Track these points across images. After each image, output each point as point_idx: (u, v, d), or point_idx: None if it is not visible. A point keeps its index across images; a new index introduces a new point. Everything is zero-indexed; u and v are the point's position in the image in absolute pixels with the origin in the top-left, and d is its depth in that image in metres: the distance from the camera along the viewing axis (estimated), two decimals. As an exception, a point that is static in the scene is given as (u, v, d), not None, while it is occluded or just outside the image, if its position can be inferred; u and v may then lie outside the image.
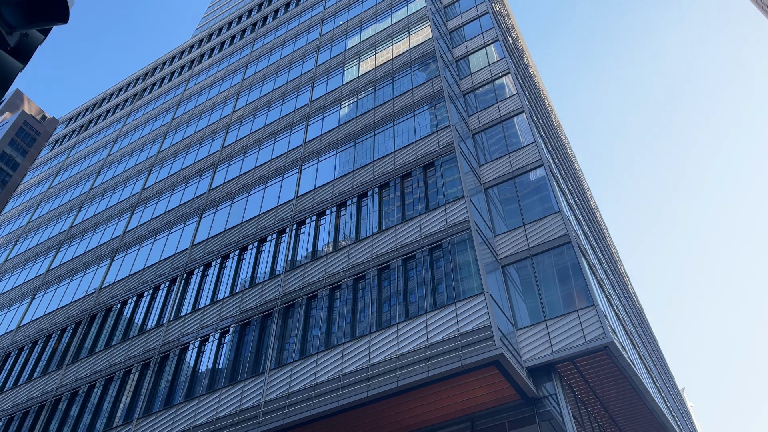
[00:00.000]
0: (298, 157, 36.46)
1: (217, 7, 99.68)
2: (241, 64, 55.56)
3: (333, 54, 44.90)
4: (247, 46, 58.78)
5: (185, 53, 69.24)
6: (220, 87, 54.42)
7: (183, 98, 57.67)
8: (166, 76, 66.41)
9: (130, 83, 72.19)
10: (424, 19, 40.36)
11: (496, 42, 39.50)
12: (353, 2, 50.49)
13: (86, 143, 64.85)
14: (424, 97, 33.17)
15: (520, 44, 78.65)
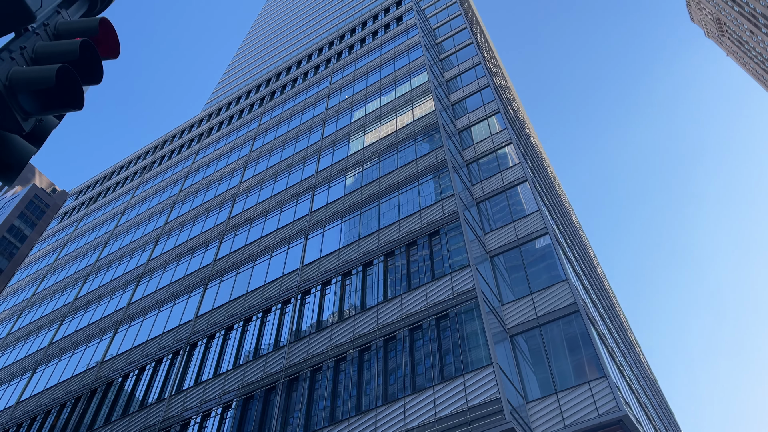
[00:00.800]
0: (303, 227, 36.71)
1: (227, 82, 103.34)
2: (249, 137, 56.93)
3: (339, 126, 46.04)
4: (256, 119, 60.42)
5: (195, 127, 71.14)
6: (228, 159, 55.54)
7: (191, 170, 58.78)
8: (176, 149, 67.96)
9: (140, 156, 73.83)
10: (427, 92, 41.59)
11: (498, 114, 40.49)
12: (358, 77, 52.24)
13: (94, 215, 65.64)
14: (428, 167, 33.70)
15: (521, 115, 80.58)
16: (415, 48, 49.44)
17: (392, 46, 53.40)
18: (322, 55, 64.99)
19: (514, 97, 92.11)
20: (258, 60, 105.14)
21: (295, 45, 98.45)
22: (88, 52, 2.98)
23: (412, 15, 56.68)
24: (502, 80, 74.05)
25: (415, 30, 52.95)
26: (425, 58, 46.63)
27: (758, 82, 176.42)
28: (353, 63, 56.11)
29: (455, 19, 61.22)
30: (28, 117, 2.62)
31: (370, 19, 64.89)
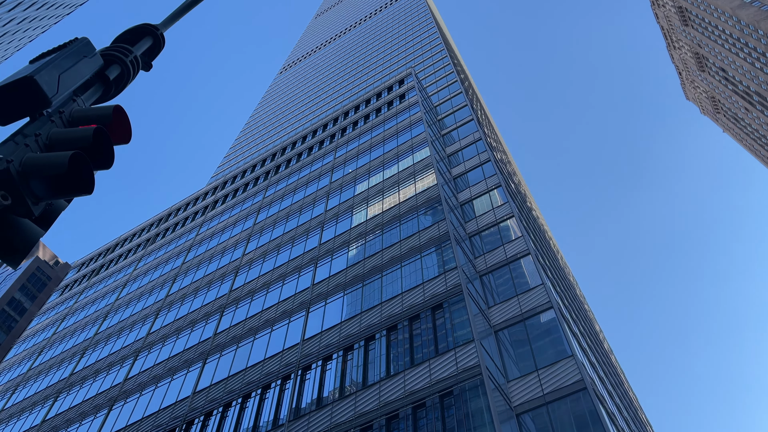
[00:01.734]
0: (305, 300, 36.43)
1: (233, 156, 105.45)
2: (253, 210, 57.51)
3: (342, 199, 46.57)
4: (260, 192, 61.24)
5: (200, 200, 72.02)
6: (231, 232, 55.87)
7: (194, 243, 59.02)
8: (180, 222, 68.51)
9: (144, 229, 74.34)
10: (429, 166, 42.32)
11: (499, 187, 41.01)
12: (362, 152, 53.34)
13: (95, 288, 65.36)
14: (431, 240, 33.80)
15: (523, 189, 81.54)
16: (417, 124, 50.73)
17: (395, 122, 54.83)
18: (326, 130, 66.65)
19: (515, 171, 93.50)
20: (264, 135, 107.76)
21: (301, 121, 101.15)
22: (101, 139, 3.11)
23: (415, 93, 58.54)
24: (503, 155, 75.48)
25: (417, 107, 54.52)
26: (427, 133, 47.75)
27: (756, 157, 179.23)
28: (357, 138, 57.45)
29: (456, 96, 63.16)
30: (38, 201, 2.71)
31: (374, 96, 66.96)
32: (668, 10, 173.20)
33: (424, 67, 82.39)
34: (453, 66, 75.65)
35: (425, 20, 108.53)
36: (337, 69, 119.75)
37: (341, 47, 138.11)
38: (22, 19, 30.55)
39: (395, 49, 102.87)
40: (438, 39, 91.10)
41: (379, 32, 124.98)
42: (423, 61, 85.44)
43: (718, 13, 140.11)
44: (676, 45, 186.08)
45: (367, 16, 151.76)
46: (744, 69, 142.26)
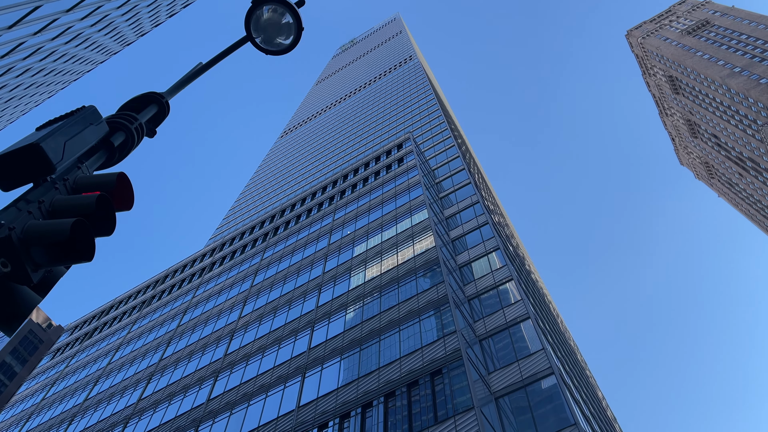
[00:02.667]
0: (301, 364, 35.70)
1: (232, 218, 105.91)
2: (251, 272, 57.23)
3: (340, 261, 46.44)
4: (258, 254, 61.14)
5: (197, 261, 71.77)
6: (228, 294, 55.39)
7: (190, 305, 58.40)
8: (177, 284, 68.02)
9: (140, 291, 73.71)
10: (428, 229, 42.47)
11: (497, 250, 41.02)
12: (361, 214, 53.65)
13: (88, 351, 64.13)
14: (429, 303, 33.50)
15: (521, 251, 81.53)
16: (415, 187, 51.27)
17: (394, 185, 55.42)
18: (325, 193, 67.25)
19: (513, 233, 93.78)
20: (263, 198, 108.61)
21: (300, 184, 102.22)
22: (103, 206, 3.15)
23: (413, 157, 59.47)
24: (501, 217, 75.93)
25: (415, 170, 55.25)
26: (425, 196, 48.20)
27: (752, 222, 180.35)
28: (356, 201, 57.91)
29: (453, 160, 64.15)
30: (38, 268, 2.72)
31: (373, 160, 67.97)
32: (659, 79, 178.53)
33: (422, 131, 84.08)
34: (450, 131, 77.23)
35: (423, 87, 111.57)
36: (337, 133, 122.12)
37: (341, 113, 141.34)
38: (30, 84, 31.37)
39: (394, 114, 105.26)
40: (435, 105, 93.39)
41: (378, 98, 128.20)
42: (421, 126, 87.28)
43: (708, 82, 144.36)
44: (668, 112, 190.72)
45: (367, 84, 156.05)
46: (736, 135, 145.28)
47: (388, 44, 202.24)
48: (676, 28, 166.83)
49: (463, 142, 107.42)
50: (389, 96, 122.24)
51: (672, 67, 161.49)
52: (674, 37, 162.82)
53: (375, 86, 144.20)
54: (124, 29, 36.67)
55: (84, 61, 37.29)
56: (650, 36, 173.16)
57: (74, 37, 28.02)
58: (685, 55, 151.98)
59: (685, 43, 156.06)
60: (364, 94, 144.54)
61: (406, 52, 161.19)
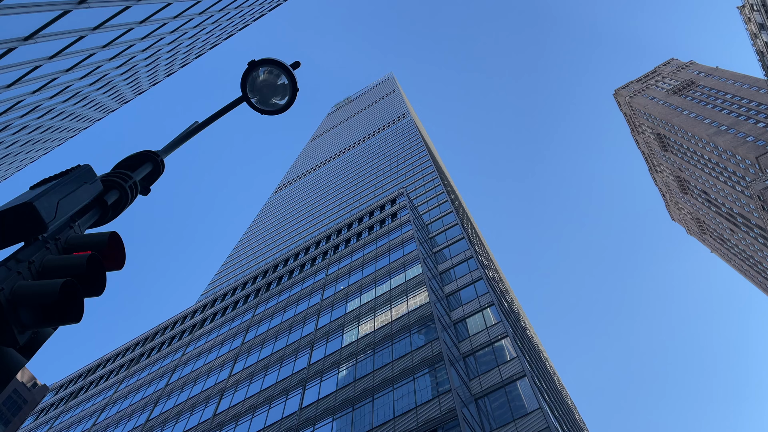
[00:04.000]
0: (292, 425, 34.72)
1: (224, 273, 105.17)
2: (242, 329, 56.40)
3: (333, 317, 45.90)
4: (250, 310, 60.41)
5: (188, 318, 70.76)
6: (218, 351, 54.38)
7: (180, 363, 57.20)
8: (167, 341, 66.82)
9: (129, 348, 72.30)
10: (422, 284, 42.24)
11: (492, 306, 40.73)
12: (354, 269, 53.42)
13: (72, 412, 62.26)
14: (424, 360, 32.95)
15: (516, 307, 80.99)
16: (409, 242, 51.33)
17: (387, 240, 55.48)
18: (319, 248, 67.15)
19: (507, 289, 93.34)
20: (256, 253, 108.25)
21: (294, 239, 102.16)
22: (94, 266, 3.14)
23: (406, 212, 59.81)
24: (495, 273, 75.76)
25: (409, 225, 55.45)
26: (419, 251, 48.19)
27: (745, 277, 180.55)
28: (349, 256, 57.79)
29: (447, 215, 64.51)
30: (25, 330, 2.68)
31: (367, 215, 68.28)
32: (648, 137, 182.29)
33: (415, 187, 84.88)
34: (443, 186, 78.02)
35: (416, 144, 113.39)
36: (331, 189, 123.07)
37: (335, 169, 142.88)
38: (26, 141, 31.67)
39: (388, 170, 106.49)
40: (428, 161, 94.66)
41: (372, 155, 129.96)
42: (414, 181, 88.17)
43: (695, 139, 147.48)
44: (657, 169, 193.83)
45: (361, 140, 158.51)
46: (725, 192, 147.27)
47: (382, 102, 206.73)
48: (662, 87, 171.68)
49: (456, 197, 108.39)
50: (383, 152, 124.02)
51: (660, 125, 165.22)
52: (661, 96, 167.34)
53: (369, 143, 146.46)
54: (122, 87, 37.39)
55: (81, 118, 37.83)
56: (637, 95, 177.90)
57: (73, 95, 28.53)
58: (672, 114, 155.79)
59: (671, 102, 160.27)
60: (358, 150, 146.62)
61: (399, 110, 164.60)
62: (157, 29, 27.08)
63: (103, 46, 22.57)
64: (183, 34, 33.20)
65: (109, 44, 22.84)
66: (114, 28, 21.21)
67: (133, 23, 22.79)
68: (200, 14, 31.26)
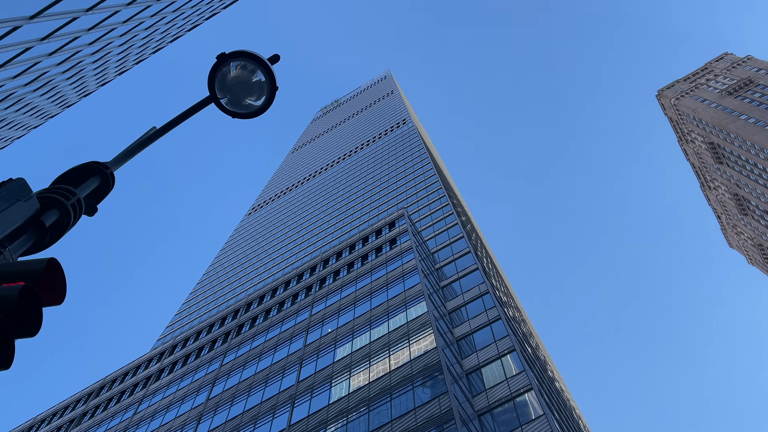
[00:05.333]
0: (269, 501, 34.31)
1: (185, 313, 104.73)
2: (208, 381, 55.97)
3: (319, 367, 45.62)
4: (217, 359, 60.04)
5: (141, 368, 70.24)
6: (179, 409, 53.90)
7: (131, 424, 56.64)
8: (114, 397, 66.24)
9: (68, 406, 71.60)
10: (427, 325, 42.11)
11: (513, 352, 40.57)
12: (345, 308, 53.28)
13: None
14: (430, 420, 32.70)
15: (542, 353, 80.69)
16: (411, 274, 51.30)
17: (385, 271, 55.44)
18: (302, 282, 67.02)
19: (531, 331, 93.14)
20: (225, 288, 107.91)
21: (271, 270, 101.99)
22: (28, 300, 3.11)
23: (408, 237, 59.88)
24: (516, 311, 75.63)
25: (411, 254, 55.48)
26: (423, 285, 48.12)
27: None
28: (338, 291, 57.67)
29: (457, 241, 64.59)
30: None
31: (359, 241, 68.31)
32: (698, 147, 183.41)
33: (418, 207, 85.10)
34: (452, 206, 78.28)
35: (419, 154, 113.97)
36: (316, 210, 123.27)
37: (321, 185, 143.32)
38: (-52, 152, 31.81)
39: (385, 187, 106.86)
40: (434, 176, 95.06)
41: (365, 169, 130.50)
42: (418, 200, 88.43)
43: (756, 149, 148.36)
44: (711, 185, 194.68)
45: (352, 151, 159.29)
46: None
47: (379, 106, 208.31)
48: (714, 87, 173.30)
49: (468, 218, 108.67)
50: (379, 166, 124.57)
51: (712, 133, 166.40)
52: (713, 98, 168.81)
53: (362, 154, 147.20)
54: (64, 88, 37.64)
55: (16, 125, 38.00)
56: (685, 97, 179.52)
57: (13, 102, 28.73)
58: (727, 119, 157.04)
59: (726, 105, 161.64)
60: (349, 163, 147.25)
61: (398, 115, 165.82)
62: (108, 17, 27.37)
63: (41, 39, 22.81)
64: (139, 23, 33.57)
65: (48, 36, 23.08)
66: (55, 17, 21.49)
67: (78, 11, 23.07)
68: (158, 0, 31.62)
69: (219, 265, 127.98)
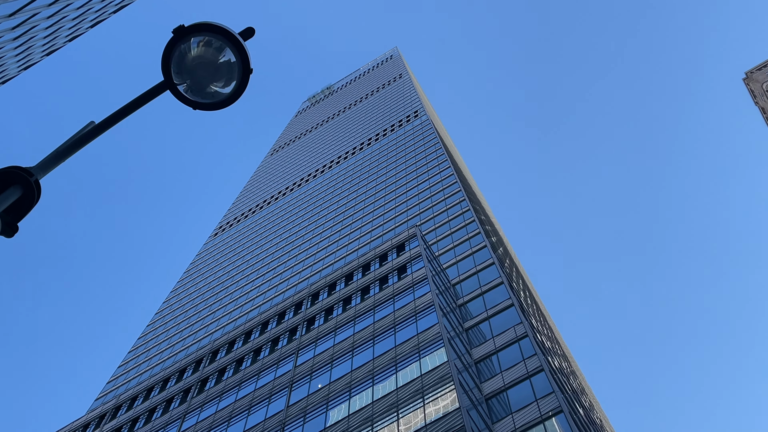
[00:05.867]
0: None
1: (131, 366, 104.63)
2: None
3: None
4: (174, 424, 59.92)
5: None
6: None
7: None
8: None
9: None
10: (447, 379, 41.96)
11: (560, 413, 40.42)
12: (339, 356, 53.13)
13: None
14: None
15: (597, 415, 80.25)
16: (426, 311, 51.19)
17: (392, 308, 55.35)
18: (284, 322, 66.94)
19: (582, 386, 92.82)
20: (184, 331, 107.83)
21: (244, 308, 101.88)
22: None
23: (422, 264, 59.81)
24: (563, 360, 75.35)
25: (425, 285, 55.39)
26: (442, 326, 47.99)
27: None
28: (332, 335, 57.54)
29: (485, 270, 64.42)
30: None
31: (359, 270, 68.22)
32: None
33: (434, 225, 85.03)
34: (479, 223, 78.20)
35: (435, 156, 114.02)
36: (301, 228, 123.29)
37: (307, 196, 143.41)
38: None
39: (390, 197, 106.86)
40: (455, 184, 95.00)
41: (365, 174, 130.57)
42: (434, 216, 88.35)
43: None
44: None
45: (348, 153, 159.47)
46: None
47: (383, 93, 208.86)
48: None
49: (500, 240, 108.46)
50: (383, 171, 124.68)
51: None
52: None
53: (361, 156, 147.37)
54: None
55: None
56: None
57: None
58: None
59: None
60: (344, 167, 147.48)
61: (409, 105, 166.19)
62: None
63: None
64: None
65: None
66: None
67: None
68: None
69: (176, 302, 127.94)
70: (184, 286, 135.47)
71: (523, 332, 50.13)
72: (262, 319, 70.45)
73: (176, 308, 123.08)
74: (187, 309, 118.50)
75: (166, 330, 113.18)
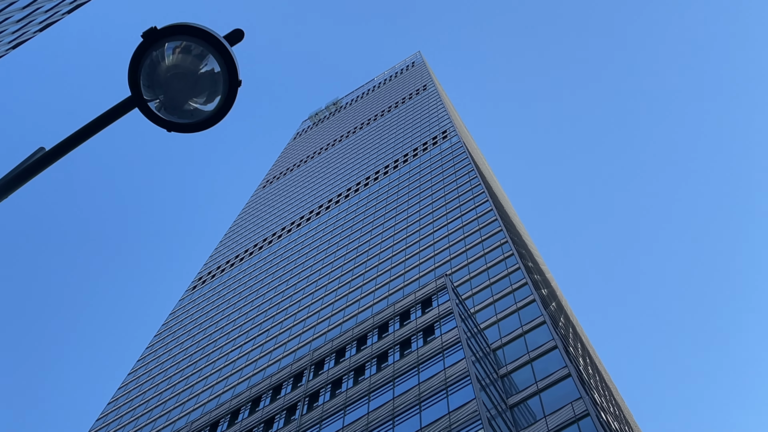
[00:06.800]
0: None
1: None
2: None
3: None
4: None
5: None
6: None
7: None
8: None
9: None
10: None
11: None
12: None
13: None
14: None
15: None
16: (459, 384, 51.02)
17: (416, 381, 55.18)
18: (278, 399, 66.88)
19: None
20: (155, 408, 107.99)
21: (228, 380, 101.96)
22: None
23: (453, 324, 59.67)
24: (615, 419, 74.71)
25: (459, 351, 55.22)
26: (480, 402, 47.80)
27: None
28: (341, 413, 57.40)
29: (535, 329, 64.12)
30: None
31: (373, 331, 68.12)
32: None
33: (469, 274, 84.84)
34: (524, 270, 77.97)
35: (468, 185, 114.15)
36: (302, 279, 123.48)
37: (308, 238, 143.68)
38: None
39: (413, 239, 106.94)
40: (495, 221, 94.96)
41: (381, 209, 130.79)
42: (468, 262, 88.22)
43: None
44: None
45: (360, 184, 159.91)
46: None
47: (403, 109, 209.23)
48: None
49: (552, 293, 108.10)
50: (404, 206, 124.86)
51: None
52: None
53: (376, 187, 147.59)
54: None
55: None
56: None
57: None
58: None
59: None
60: (355, 201, 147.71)
61: (437, 123, 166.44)
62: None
63: None
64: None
65: None
66: None
67: None
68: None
69: (143, 372, 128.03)
70: (154, 353, 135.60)
71: (584, 410, 49.84)
72: (252, 395, 70.35)
73: (143, 381, 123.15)
74: (158, 382, 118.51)
75: (132, 409, 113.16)
